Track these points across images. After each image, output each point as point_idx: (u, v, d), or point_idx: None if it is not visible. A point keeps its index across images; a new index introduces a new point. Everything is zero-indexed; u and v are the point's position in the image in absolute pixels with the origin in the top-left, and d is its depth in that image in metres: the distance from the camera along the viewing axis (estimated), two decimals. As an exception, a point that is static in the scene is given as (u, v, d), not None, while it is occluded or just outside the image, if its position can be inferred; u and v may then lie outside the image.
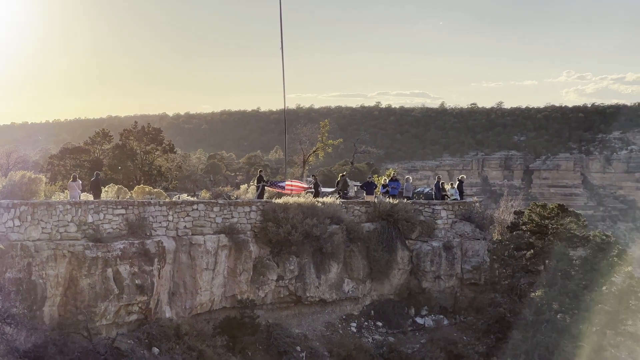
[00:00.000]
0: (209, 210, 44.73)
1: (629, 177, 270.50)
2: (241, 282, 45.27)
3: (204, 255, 43.17)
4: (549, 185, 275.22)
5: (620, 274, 49.95)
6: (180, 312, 42.62)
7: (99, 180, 46.50)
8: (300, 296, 48.25)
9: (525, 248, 51.76)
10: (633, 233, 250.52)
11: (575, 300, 47.84)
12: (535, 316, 47.83)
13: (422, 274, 52.55)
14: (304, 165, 76.25)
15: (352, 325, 49.91)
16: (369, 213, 52.39)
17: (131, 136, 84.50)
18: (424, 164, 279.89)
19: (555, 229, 53.01)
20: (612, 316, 48.41)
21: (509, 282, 50.23)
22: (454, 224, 54.12)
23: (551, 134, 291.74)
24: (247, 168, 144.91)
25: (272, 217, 46.82)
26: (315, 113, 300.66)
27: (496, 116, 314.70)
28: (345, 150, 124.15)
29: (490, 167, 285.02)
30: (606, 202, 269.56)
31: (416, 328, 51.05)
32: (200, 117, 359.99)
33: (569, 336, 46.85)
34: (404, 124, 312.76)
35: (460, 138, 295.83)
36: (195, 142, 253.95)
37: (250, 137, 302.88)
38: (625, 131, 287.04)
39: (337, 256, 49.28)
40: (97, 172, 50.22)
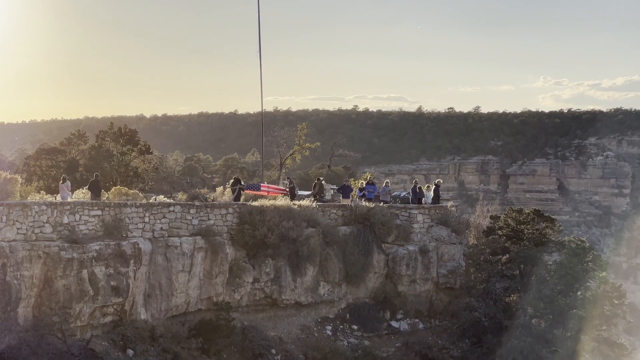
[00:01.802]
0: (185, 212, 44.70)
1: (605, 183, 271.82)
2: (217, 284, 45.24)
3: (180, 257, 43.14)
4: (525, 190, 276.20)
5: (594, 279, 50.22)
6: (156, 314, 42.56)
7: (99, 181, 46.51)
8: (276, 299, 48.26)
9: (501, 253, 51.98)
10: (608, 239, 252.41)
11: (550, 305, 48.07)
12: (510, 321, 48.05)
13: (398, 277, 52.61)
14: (281, 168, 76.33)
15: (327, 328, 49.94)
16: (345, 216, 52.41)
17: (107, 137, 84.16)
18: (400, 167, 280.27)
19: (530, 234, 53.24)
20: (586, 321, 48.62)
21: (485, 287, 50.41)
22: (430, 228, 54.22)
23: (527, 139, 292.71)
24: (224, 170, 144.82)
25: (249, 219, 46.79)
26: (292, 116, 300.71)
27: (473, 121, 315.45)
28: (322, 154, 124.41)
29: (467, 172, 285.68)
30: (581, 208, 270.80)
31: (391, 332, 51.16)
32: (177, 119, 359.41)
33: (543, 341, 47.04)
34: (381, 127, 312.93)
35: (437, 142, 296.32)
36: (173, 144, 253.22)
37: (227, 140, 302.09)
38: (601, 137, 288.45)
39: (313, 259, 49.31)
40: (97, 173, 50.25)
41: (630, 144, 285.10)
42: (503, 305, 49.45)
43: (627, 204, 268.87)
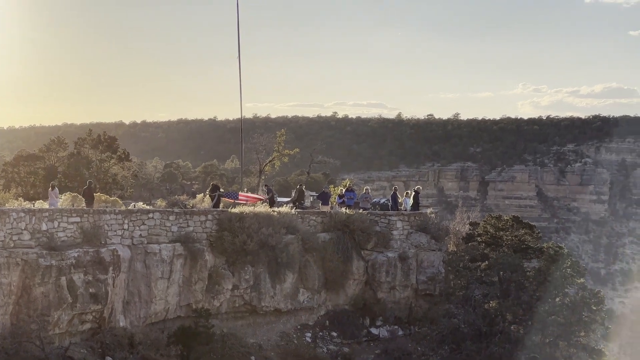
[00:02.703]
0: (164, 219, 44.60)
1: (583, 190, 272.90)
2: (196, 291, 45.14)
3: (159, 264, 43.05)
4: (504, 196, 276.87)
5: (573, 286, 50.38)
6: (135, 321, 42.43)
7: (92, 188, 46.55)
8: (255, 306, 48.20)
9: (480, 259, 52.03)
10: (586, 245, 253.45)
11: (529, 311, 48.22)
12: (489, 327, 48.13)
13: (378, 284, 52.65)
14: (261, 174, 76.20)
15: (306, 335, 49.92)
16: (324, 223, 52.44)
17: (86, 144, 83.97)
18: (380, 174, 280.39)
19: (509, 240, 53.37)
20: (565, 328, 48.78)
21: (464, 293, 50.44)
22: (410, 234, 54.28)
23: (507, 145, 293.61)
24: (203, 177, 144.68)
25: (228, 226, 46.76)
26: (272, 122, 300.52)
27: (452, 127, 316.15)
28: (301, 160, 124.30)
29: (446, 178, 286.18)
30: (560, 214, 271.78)
31: (371, 338, 51.16)
32: (156, 125, 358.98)
33: (522, 347, 47.16)
34: (360, 134, 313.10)
35: (416, 149, 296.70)
36: (152, 151, 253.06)
37: (206, 146, 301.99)
38: (579, 144, 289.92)
39: (292, 266, 49.28)
40: (90, 180, 50.27)
41: (608, 151, 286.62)
42: (482, 311, 49.50)
43: (605, 211, 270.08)
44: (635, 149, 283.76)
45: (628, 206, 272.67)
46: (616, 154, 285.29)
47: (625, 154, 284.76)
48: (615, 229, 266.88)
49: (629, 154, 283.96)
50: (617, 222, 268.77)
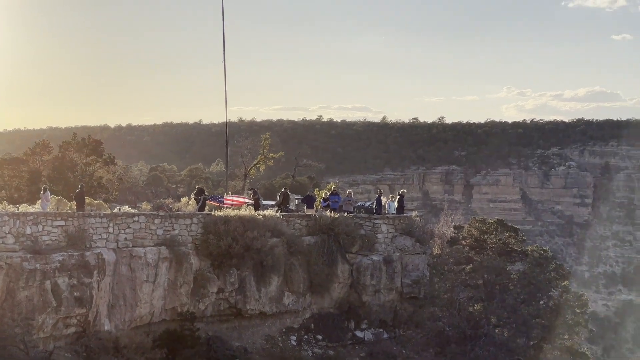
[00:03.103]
0: (149, 222, 44.58)
1: (567, 193, 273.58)
2: (181, 294, 45.13)
3: (145, 268, 43.02)
4: (489, 200, 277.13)
5: (557, 289, 50.75)
6: (120, 325, 42.36)
7: (84, 192, 46.68)
8: (240, 309, 48.18)
9: (465, 262, 52.31)
10: (570, 248, 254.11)
11: (513, 314, 48.42)
12: (474, 330, 48.32)
13: (362, 287, 52.69)
14: (246, 178, 76.28)
15: (292, 338, 49.95)
16: (309, 226, 52.48)
17: (71, 147, 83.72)
18: (365, 178, 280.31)
19: (494, 243, 53.70)
20: (549, 330, 49.09)
21: (448, 296, 50.65)
22: (394, 238, 54.34)
23: (491, 149, 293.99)
24: (188, 180, 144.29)
25: (213, 229, 46.77)
26: (257, 126, 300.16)
27: (437, 131, 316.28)
28: (286, 164, 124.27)
29: (431, 182, 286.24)
30: (544, 217, 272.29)
31: (356, 341, 51.21)
32: (142, 128, 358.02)
33: (506, 350, 47.37)
34: (345, 137, 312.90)
35: (401, 152, 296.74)
36: (137, 154, 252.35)
37: (192, 150, 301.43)
38: (563, 147, 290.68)
39: (277, 269, 49.28)
40: (82, 184, 50.20)
41: (591, 154, 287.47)
42: (467, 314, 49.71)
43: (589, 214, 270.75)
44: (619, 153, 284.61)
45: (611, 209, 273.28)
46: (600, 158, 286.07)
47: (609, 157, 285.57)
48: (598, 232, 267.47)
49: (612, 157, 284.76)
50: (601, 225, 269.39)
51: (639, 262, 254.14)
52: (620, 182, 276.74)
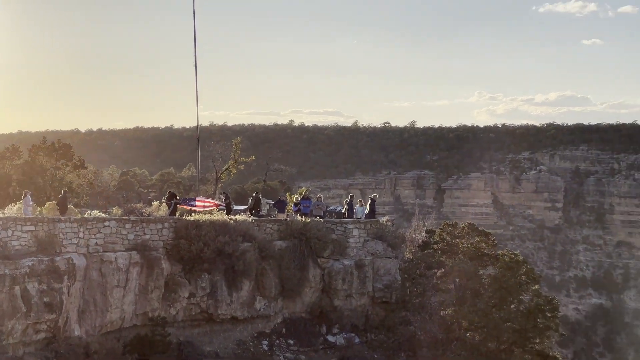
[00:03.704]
0: (120, 227, 44.37)
1: (538, 197, 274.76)
2: (152, 299, 44.97)
3: (115, 273, 42.80)
4: (461, 204, 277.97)
5: (528, 293, 50.86)
6: (90, 330, 42.11)
7: (66, 197, 46.70)
8: (212, 313, 48.08)
9: (436, 267, 52.39)
10: (541, 252, 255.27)
11: (485, 318, 48.55)
12: (445, 334, 48.45)
13: (334, 292, 52.69)
14: (217, 182, 76.17)
15: (263, 343, 49.86)
16: (281, 231, 52.46)
17: (41, 152, 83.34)
18: (336, 182, 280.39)
19: (465, 248, 53.76)
20: (520, 334, 49.22)
21: (420, 301, 50.74)
22: (366, 242, 54.39)
23: (463, 153, 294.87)
24: (160, 185, 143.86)
25: (185, 234, 46.66)
26: (228, 130, 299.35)
27: (409, 135, 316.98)
28: (258, 168, 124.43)
29: (403, 186, 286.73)
30: (515, 222, 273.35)
31: (327, 346, 51.18)
32: (113, 133, 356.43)
33: (478, 354, 47.50)
34: (316, 142, 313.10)
35: (373, 157, 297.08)
36: (108, 159, 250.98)
37: (163, 154, 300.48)
38: (534, 151, 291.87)
39: (249, 274, 49.22)
40: (65, 189, 50.13)
41: (562, 159, 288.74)
42: (438, 319, 49.83)
43: (559, 218, 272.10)
44: (589, 157, 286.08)
45: (582, 213, 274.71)
46: (570, 162, 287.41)
47: (579, 161, 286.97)
48: (569, 236, 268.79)
49: (582, 162, 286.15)
50: (572, 229, 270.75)
51: (609, 266, 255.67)
52: (590, 186, 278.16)
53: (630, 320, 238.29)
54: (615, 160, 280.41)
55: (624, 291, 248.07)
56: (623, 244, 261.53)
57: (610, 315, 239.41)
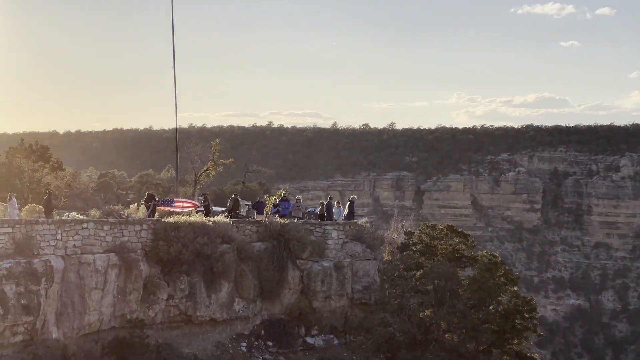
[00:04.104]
0: (99, 228, 44.24)
1: (517, 199, 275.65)
2: (131, 301, 44.85)
3: (94, 275, 42.68)
4: (440, 206, 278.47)
5: (506, 294, 50.94)
6: (68, 333, 41.98)
7: (51, 199, 46.73)
8: (190, 315, 47.99)
9: (415, 268, 52.36)
10: (520, 253, 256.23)
11: (463, 319, 48.59)
12: (424, 336, 48.47)
13: (313, 293, 52.68)
14: (196, 184, 76.08)
15: (242, 344, 49.83)
16: (259, 232, 52.43)
17: (18, 154, 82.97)
18: (315, 184, 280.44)
19: (444, 249, 53.86)
20: (498, 335, 49.31)
21: (399, 302, 50.71)
22: (345, 244, 54.41)
23: (442, 155, 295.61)
24: (138, 187, 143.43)
25: (163, 235, 46.57)
26: (207, 132, 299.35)
27: (388, 137, 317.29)
28: (237, 170, 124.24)
29: (382, 188, 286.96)
30: (494, 223, 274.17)
31: (306, 348, 51.19)
32: (91, 135, 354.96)
33: (456, 355, 47.57)
34: (295, 143, 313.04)
35: (352, 158, 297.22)
36: (87, 160, 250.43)
37: (142, 156, 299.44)
38: (513, 153, 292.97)
39: (228, 275, 49.16)
40: (49, 191, 49.96)
41: (541, 160, 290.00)
42: (417, 320, 49.82)
43: (538, 219, 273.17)
44: (567, 158, 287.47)
45: (560, 214, 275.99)
46: (549, 163, 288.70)
47: (558, 163, 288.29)
48: (547, 237, 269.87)
49: (561, 163, 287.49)
50: (550, 230, 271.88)
51: (587, 267, 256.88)
52: (568, 187, 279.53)
53: (608, 320, 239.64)
54: (593, 161, 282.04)
55: (602, 292, 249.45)
56: (601, 245, 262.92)
57: (588, 316, 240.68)
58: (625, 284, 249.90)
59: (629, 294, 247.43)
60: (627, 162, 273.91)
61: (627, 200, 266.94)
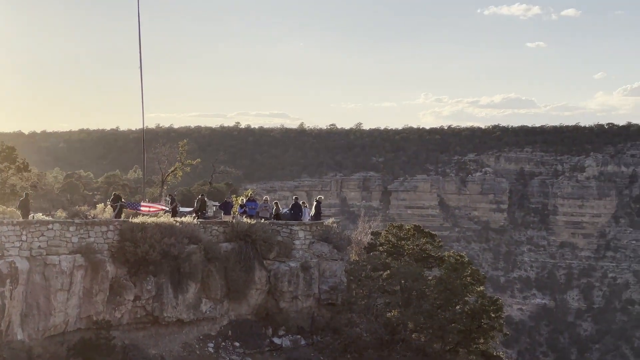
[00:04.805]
0: (64, 229, 43.92)
1: (483, 199, 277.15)
2: (97, 302, 44.60)
3: (59, 276, 42.39)
4: (407, 206, 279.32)
5: (473, 294, 51.28)
6: (33, 334, 41.71)
7: (28, 200, 46.42)
8: (157, 316, 47.80)
9: (382, 268, 52.56)
10: (486, 253, 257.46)
11: (430, 319, 48.85)
12: (391, 336, 48.67)
13: (280, 294, 52.66)
14: (163, 184, 75.82)
15: (209, 345, 49.71)
16: (227, 233, 52.32)
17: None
18: (282, 184, 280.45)
19: (411, 249, 54.10)
20: (464, 335, 49.62)
21: (366, 302, 50.90)
22: (312, 244, 54.40)
23: (409, 155, 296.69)
24: (105, 187, 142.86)
25: (130, 236, 46.33)
26: (174, 133, 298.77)
27: (355, 137, 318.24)
28: (204, 170, 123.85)
29: (349, 188, 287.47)
30: (461, 223, 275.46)
31: (273, 348, 51.13)
32: (57, 135, 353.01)
33: (423, 355, 47.83)
34: (263, 144, 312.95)
35: (319, 159, 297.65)
36: (53, 161, 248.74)
37: (109, 156, 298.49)
38: (480, 153, 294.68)
39: (195, 276, 49.03)
40: (26, 192, 49.52)
41: (507, 160, 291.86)
42: (384, 320, 50.04)
43: (504, 219, 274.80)
44: (533, 159, 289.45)
45: (526, 215, 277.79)
46: (515, 164, 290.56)
47: (524, 163, 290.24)
48: (514, 237, 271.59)
49: (527, 164, 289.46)
50: (516, 230, 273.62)
51: (552, 267, 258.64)
52: (534, 187, 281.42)
53: (573, 319, 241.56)
54: (559, 162, 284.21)
55: (567, 291, 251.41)
56: (566, 245, 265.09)
57: (554, 315, 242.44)
58: (590, 284, 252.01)
59: (593, 293, 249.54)
60: (592, 162, 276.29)
61: (592, 200, 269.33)
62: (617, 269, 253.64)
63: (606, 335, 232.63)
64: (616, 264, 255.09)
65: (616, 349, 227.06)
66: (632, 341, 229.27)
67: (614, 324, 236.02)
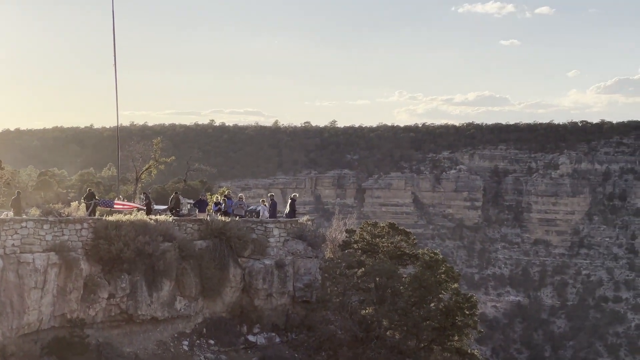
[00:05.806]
0: (38, 227, 43.74)
1: (457, 196, 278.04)
2: (71, 300, 44.48)
3: (33, 274, 42.22)
4: (381, 204, 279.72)
5: (447, 291, 51.47)
6: (7, 333, 41.54)
7: (20, 198, 46.71)
8: (131, 314, 47.72)
9: (357, 266, 52.67)
10: (460, 251, 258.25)
11: (404, 317, 48.99)
12: (365, 333, 48.79)
13: (255, 291, 52.69)
14: (137, 182, 75.60)
15: (184, 343, 49.68)
16: (201, 231, 52.30)
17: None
18: (257, 182, 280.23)
19: (385, 247, 54.18)
20: (439, 332, 49.80)
21: (340, 300, 50.99)
22: (286, 242, 54.47)
23: (383, 153, 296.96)
24: (79, 185, 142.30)
25: (104, 234, 46.22)
26: (149, 131, 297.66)
27: (329, 135, 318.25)
28: (179, 168, 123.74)
29: (324, 186, 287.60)
30: (435, 221, 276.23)
31: (248, 346, 51.20)
32: (31, 133, 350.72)
33: (397, 352, 47.96)
34: (237, 142, 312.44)
35: (293, 156, 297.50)
36: (26, 159, 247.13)
37: (83, 154, 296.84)
38: (454, 151, 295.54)
39: (169, 274, 48.97)
40: (18, 191, 49.45)
41: (481, 158, 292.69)
42: (359, 318, 50.17)
43: (478, 217, 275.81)
44: (507, 156, 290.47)
45: (500, 212, 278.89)
46: (489, 161, 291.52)
47: (498, 160, 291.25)
48: (488, 234, 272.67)
49: (501, 161, 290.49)
50: (490, 227, 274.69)
51: (526, 264, 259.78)
52: (508, 185, 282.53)
53: (547, 317, 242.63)
54: (533, 159, 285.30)
55: (541, 288, 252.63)
56: (540, 242, 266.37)
57: (528, 313, 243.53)
58: (564, 281, 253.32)
59: (567, 290, 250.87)
60: (566, 159, 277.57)
61: (565, 197, 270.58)
62: (590, 266, 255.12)
63: (580, 332, 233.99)
64: (590, 261, 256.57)
65: (590, 345, 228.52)
66: (605, 338, 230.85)
67: (588, 321, 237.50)
